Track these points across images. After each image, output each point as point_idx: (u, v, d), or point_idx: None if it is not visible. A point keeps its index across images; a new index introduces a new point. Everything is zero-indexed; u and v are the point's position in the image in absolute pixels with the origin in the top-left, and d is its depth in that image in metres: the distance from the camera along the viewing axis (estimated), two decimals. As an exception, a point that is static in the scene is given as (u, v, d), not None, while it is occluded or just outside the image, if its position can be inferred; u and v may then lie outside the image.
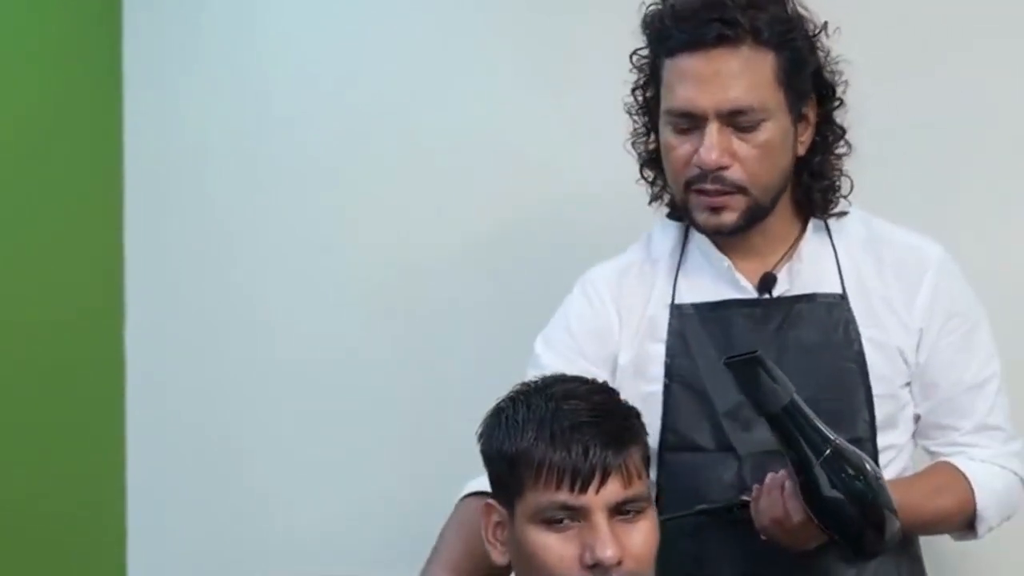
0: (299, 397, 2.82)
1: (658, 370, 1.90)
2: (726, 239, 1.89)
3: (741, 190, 1.82)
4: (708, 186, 1.83)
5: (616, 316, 1.96)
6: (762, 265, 1.90)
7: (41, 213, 2.75)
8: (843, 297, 1.88)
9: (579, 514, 1.56)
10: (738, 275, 1.90)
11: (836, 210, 1.92)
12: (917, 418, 1.92)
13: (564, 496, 1.55)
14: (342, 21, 2.77)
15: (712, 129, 1.80)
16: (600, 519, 1.55)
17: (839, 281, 1.89)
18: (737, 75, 1.79)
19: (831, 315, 1.87)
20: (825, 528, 1.68)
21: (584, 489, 1.55)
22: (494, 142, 2.64)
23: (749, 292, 1.90)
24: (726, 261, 1.91)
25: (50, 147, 2.77)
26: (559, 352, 1.97)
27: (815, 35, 1.87)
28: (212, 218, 2.88)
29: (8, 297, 2.68)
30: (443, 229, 2.69)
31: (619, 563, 1.55)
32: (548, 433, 1.57)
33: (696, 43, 1.80)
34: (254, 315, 2.85)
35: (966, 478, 1.87)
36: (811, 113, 1.88)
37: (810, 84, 1.86)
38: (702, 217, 1.86)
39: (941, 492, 1.87)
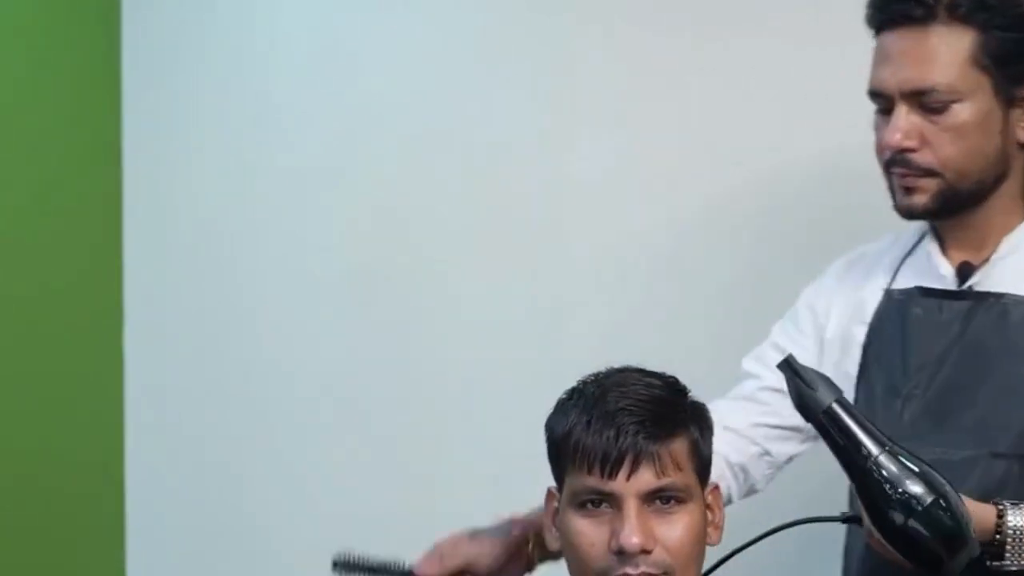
0: (297, 400, 2.81)
1: (857, 352, 1.88)
2: (945, 227, 1.83)
3: (932, 173, 1.77)
4: (899, 169, 1.78)
5: (833, 295, 1.94)
6: (975, 256, 1.82)
7: (40, 214, 2.76)
8: None
9: (612, 500, 1.55)
10: (939, 262, 1.83)
11: None
12: None
13: (595, 481, 1.55)
14: (340, 21, 2.76)
15: (899, 111, 1.76)
16: (631, 506, 1.54)
17: None
18: (923, 54, 1.74)
19: (1017, 318, 1.77)
20: (883, 541, 1.58)
21: (614, 474, 1.54)
22: (494, 143, 2.63)
23: (948, 281, 1.82)
24: (927, 247, 1.85)
25: (49, 148, 2.77)
26: (783, 323, 1.99)
27: None
28: (211, 219, 2.88)
29: (7, 299, 2.67)
30: (448, 231, 2.68)
31: (648, 552, 1.54)
32: (587, 418, 1.56)
33: (887, 22, 1.76)
34: (253, 317, 2.84)
35: None
36: None
37: None
38: (897, 198, 1.81)
39: None
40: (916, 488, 1.52)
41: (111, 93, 2.89)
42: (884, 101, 1.79)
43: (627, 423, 1.55)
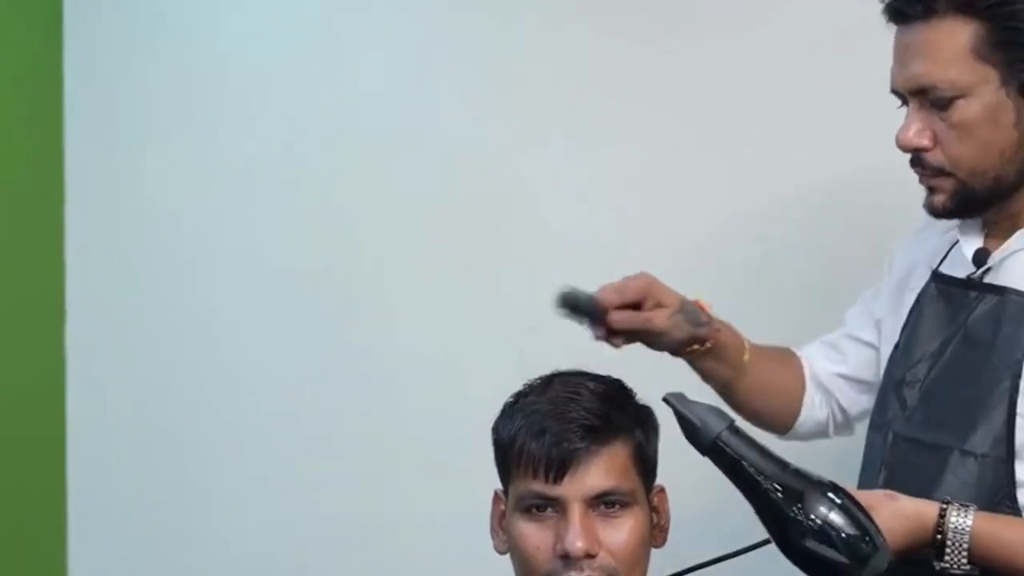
0: (245, 400, 2.79)
1: (902, 318, 1.85)
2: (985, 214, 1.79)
3: (945, 173, 1.71)
4: (917, 168, 1.73)
5: (907, 250, 1.92)
6: (1002, 245, 1.75)
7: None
8: None
9: (557, 504, 1.56)
10: (965, 248, 1.78)
11: None
12: None
13: (540, 485, 1.56)
14: (289, 24, 2.74)
15: (910, 108, 1.71)
16: (575, 510, 1.55)
17: None
18: (923, 50, 1.68)
19: (1011, 316, 1.71)
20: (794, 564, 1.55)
21: (558, 479, 1.55)
22: (446, 146, 2.62)
23: (969, 268, 1.77)
24: (951, 234, 1.81)
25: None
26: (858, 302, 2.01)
27: None
28: (154, 218, 2.85)
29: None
30: (399, 233, 2.67)
31: (593, 556, 1.55)
32: (532, 422, 1.57)
33: (893, 18, 1.72)
34: (199, 315, 2.82)
35: None
36: None
37: None
38: (924, 199, 1.76)
39: None
40: (813, 505, 1.49)
41: (52, 91, 2.85)
42: (900, 99, 1.75)
43: (571, 428, 1.56)
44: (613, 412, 1.59)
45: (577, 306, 1.75)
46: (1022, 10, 1.66)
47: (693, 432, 1.53)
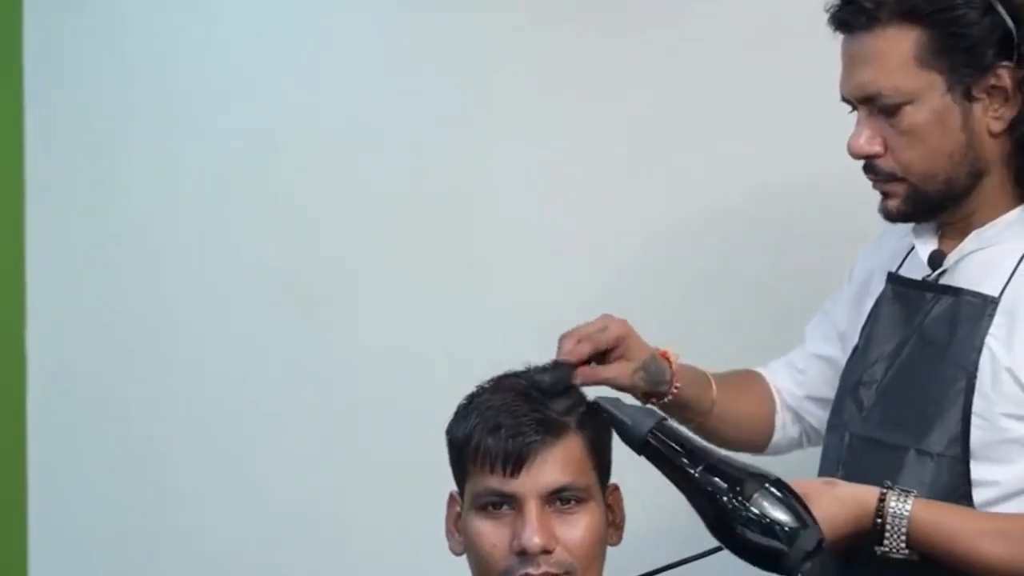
0: (211, 398, 2.78)
1: (861, 322, 1.88)
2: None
3: (897, 178, 1.73)
4: (870, 175, 1.75)
5: (869, 255, 1.95)
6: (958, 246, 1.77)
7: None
8: (993, 301, 1.72)
9: (513, 501, 1.57)
10: (921, 250, 1.80)
11: None
12: None
13: (495, 482, 1.57)
14: (254, 24, 2.73)
15: (860, 115, 1.73)
16: (531, 507, 1.56)
17: (1004, 283, 1.72)
18: (868, 58, 1.70)
19: (967, 316, 1.73)
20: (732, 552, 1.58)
21: (514, 475, 1.56)
22: (410, 146, 2.62)
23: (926, 270, 1.79)
24: (909, 239, 1.82)
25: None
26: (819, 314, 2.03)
27: None
28: (117, 217, 2.84)
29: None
30: (364, 234, 2.67)
31: (549, 552, 1.55)
32: (487, 420, 1.58)
33: (837, 26, 1.74)
34: (160, 315, 2.81)
35: None
36: (1008, 84, 1.69)
37: (991, 54, 1.69)
38: (878, 203, 1.78)
39: (999, 538, 1.65)
40: (741, 490, 1.53)
41: (12, 89, 2.84)
42: (851, 105, 1.76)
43: (526, 424, 1.56)
44: (567, 408, 1.60)
45: (558, 385, 1.73)
46: (963, 16, 1.68)
47: (625, 432, 1.57)
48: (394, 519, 2.61)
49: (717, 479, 1.54)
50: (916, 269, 1.82)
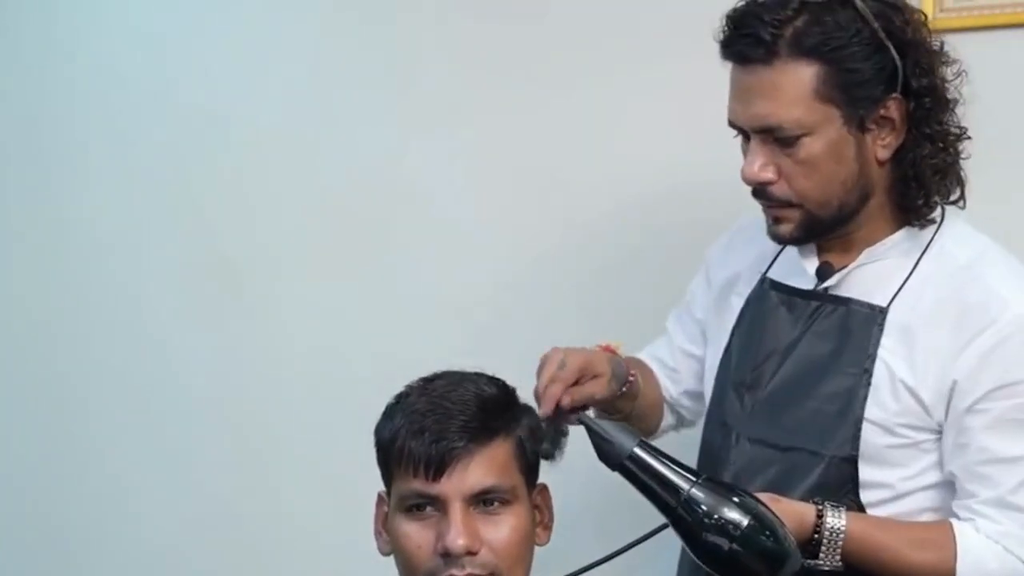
0: (133, 398, 2.78)
1: (731, 321, 1.93)
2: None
3: (792, 204, 1.77)
4: (761, 200, 1.79)
5: (726, 252, 2.01)
6: (841, 260, 1.82)
7: None
8: (882, 311, 1.78)
9: (438, 503, 1.56)
10: (805, 261, 1.85)
11: (933, 216, 1.80)
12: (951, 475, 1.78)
13: (420, 484, 1.56)
14: (190, 20, 2.71)
15: (752, 145, 1.76)
16: (456, 508, 1.55)
17: (892, 295, 1.79)
18: (767, 91, 1.72)
19: (857, 325, 1.78)
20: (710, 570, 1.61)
21: (438, 477, 1.55)
22: (333, 138, 2.61)
23: (809, 280, 1.84)
24: (794, 249, 1.86)
25: None
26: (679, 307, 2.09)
27: (907, 32, 1.74)
28: (39, 217, 2.83)
29: None
30: (282, 226, 2.66)
31: (474, 553, 1.54)
32: (412, 422, 1.57)
33: (733, 57, 1.75)
34: (79, 316, 2.81)
35: (955, 543, 1.72)
36: (896, 115, 1.75)
37: (882, 88, 1.74)
38: (768, 226, 1.82)
39: (922, 546, 1.72)
40: (732, 514, 1.56)
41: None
42: (741, 133, 1.79)
43: (451, 426, 1.56)
44: (493, 411, 1.59)
45: (559, 438, 1.72)
46: (859, 52, 1.72)
47: (605, 449, 1.58)
48: (319, 520, 2.62)
49: (699, 499, 1.56)
50: (793, 275, 1.87)
